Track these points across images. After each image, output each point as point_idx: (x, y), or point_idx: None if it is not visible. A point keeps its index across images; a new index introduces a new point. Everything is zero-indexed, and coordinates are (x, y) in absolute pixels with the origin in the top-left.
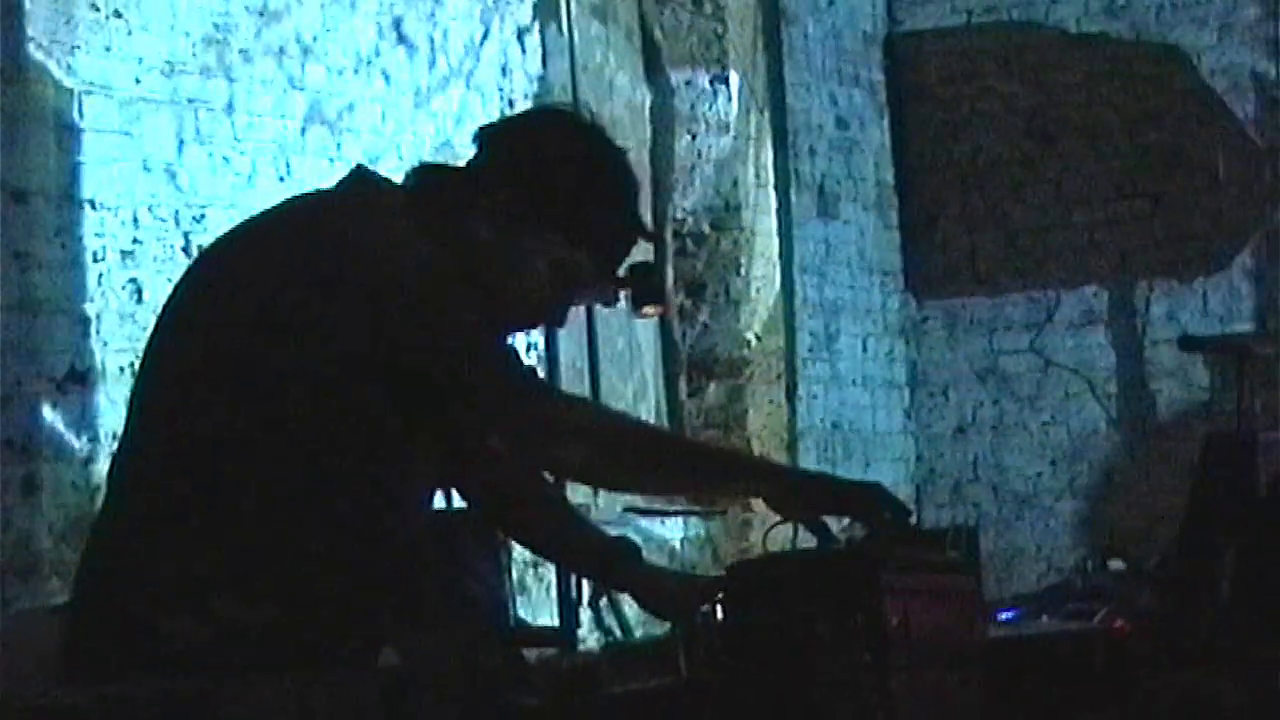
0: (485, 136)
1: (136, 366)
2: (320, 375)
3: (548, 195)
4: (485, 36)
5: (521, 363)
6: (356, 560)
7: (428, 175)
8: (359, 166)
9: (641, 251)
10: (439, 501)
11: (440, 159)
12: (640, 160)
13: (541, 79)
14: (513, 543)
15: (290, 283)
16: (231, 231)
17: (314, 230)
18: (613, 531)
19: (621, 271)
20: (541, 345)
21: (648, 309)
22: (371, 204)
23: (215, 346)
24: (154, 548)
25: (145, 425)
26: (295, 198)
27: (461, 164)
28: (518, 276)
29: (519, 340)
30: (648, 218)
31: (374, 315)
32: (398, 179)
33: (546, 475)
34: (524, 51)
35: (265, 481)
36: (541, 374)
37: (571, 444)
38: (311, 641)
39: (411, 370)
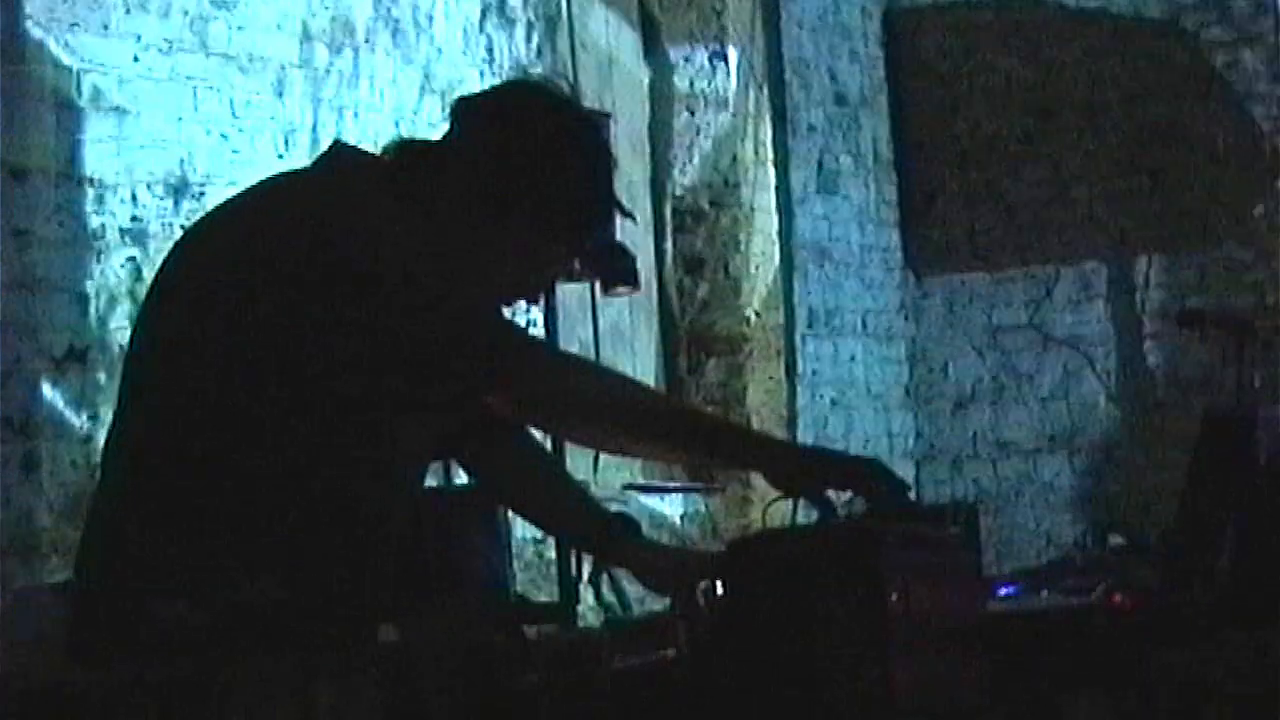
0: (459, 111)
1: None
2: (310, 352)
3: (514, 175)
4: (484, 13)
5: (519, 326)
6: (352, 536)
7: (405, 150)
8: (337, 142)
9: (643, 226)
10: (439, 478)
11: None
12: (639, 137)
13: (540, 55)
14: (512, 519)
15: (275, 262)
16: (215, 210)
17: (297, 208)
18: (612, 507)
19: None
20: (541, 321)
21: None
22: (350, 181)
23: (202, 327)
24: (148, 530)
25: (135, 405)
26: (276, 175)
27: (438, 138)
28: (486, 254)
29: (518, 317)
30: (641, 194)
31: (365, 289)
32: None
33: (545, 439)
34: (525, 28)
35: (256, 460)
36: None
37: (572, 408)
38: (310, 618)
39: (411, 339)
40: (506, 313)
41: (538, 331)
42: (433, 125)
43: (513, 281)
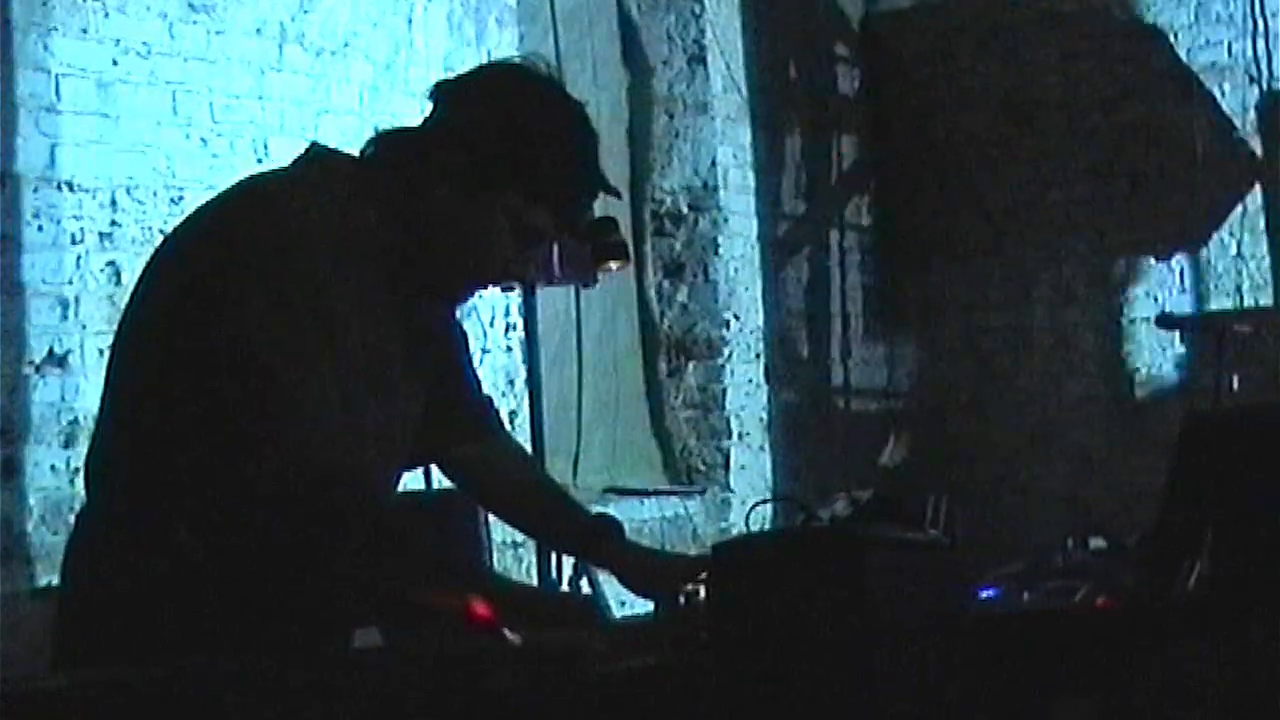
0: (441, 92)
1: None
2: (235, 355)
3: (503, 151)
4: (464, 17)
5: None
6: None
7: (384, 141)
8: (313, 144)
9: (623, 230)
10: (420, 482)
11: None
12: (619, 141)
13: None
14: (494, 522)
15: (206, 265)
16: (191, 214)
17: (237, 216)
18: (593, 510)
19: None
20: (521, 326)
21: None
22: (310, 183)
23: (156, 327)
24: (124, 537)
25: (111, 411)
26: (250, 177)
27: (419, 124)
28: (476, 234)
29: (498, 321)
30: (614, 174)
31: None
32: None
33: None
34: (507, 31)
35: (218, 465)
36: (521, 358)
37: None
38: (288, 624)
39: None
40: (500, 319)
41: (518, 335)
42: None
43: (500, 258)
